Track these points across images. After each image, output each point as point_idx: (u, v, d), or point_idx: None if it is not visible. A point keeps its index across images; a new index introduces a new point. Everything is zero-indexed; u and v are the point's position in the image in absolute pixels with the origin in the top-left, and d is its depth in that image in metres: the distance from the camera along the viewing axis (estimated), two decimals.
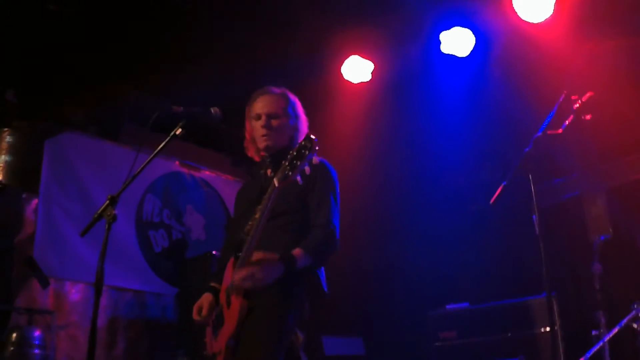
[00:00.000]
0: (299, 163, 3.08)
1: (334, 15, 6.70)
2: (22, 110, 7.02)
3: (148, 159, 3.35)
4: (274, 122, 3.73)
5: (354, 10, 6.68)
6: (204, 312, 3.64)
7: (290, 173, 3.10)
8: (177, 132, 3.42)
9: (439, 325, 6.66)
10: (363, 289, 8.19)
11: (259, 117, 3.75)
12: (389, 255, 8.15)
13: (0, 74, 6.77)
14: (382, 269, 8.16)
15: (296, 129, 3.78)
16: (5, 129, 6.92)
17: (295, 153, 3.11)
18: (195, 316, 3.68)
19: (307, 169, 3.11)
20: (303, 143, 3.10)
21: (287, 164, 3.12)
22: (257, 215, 3.33)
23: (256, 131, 3.76)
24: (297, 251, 3.36)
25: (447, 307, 6.69)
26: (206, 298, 3.70)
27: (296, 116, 3.82)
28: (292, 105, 3.83)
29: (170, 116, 3.45)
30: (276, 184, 3.18)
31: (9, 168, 6.83)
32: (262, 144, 3.74)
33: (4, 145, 6.87)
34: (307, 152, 3.07)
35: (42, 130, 7.09)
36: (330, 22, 6.75)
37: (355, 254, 8.17)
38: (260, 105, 3.78)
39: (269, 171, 3.75)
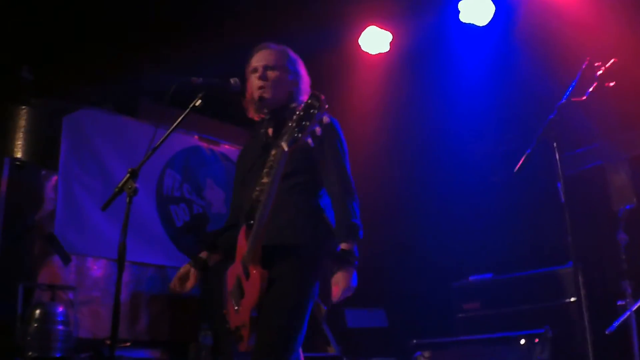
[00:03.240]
0: (307, 124, 2.89)
1: None
2: (38, 88, 7.01)
3: (168, 131, 3.31)
4: (271, 74, 3.59)
5: None
6: (190, 283, 3.59)
7: (299, 135, 2.91)
8: (197, 104, 3.37)
9: (462, 296, 6.63)
10: (385, 261, 8.16)
11: (255, 70, 3.63)
12: (411, 227, 8.11)
13: (16, 51, 6.76)
14: (405, 241, 8.12)
15: (296, 85, 3.65)
16: (23, 107, 6.91)
17: (302, 113, 2.91)
18: (174, 285, 3.64)
19: (317, 129, 2.90)
20: (310, 102, 2.91)
21: (294, 125, 2.93)
22: (265, 180, 3.20)
23: (253, 85, 3.63)
24: (344, 246, 3.32)
25: (471, 278, 6.65)
26: (190, 270, 3.68)
27: (296, 73, 3.69)
28: (292, 62, 3.71)
29: (188, 90, 3.40)
30: (285, 148, 2.99)
31: (28, 145, 6.84)
32: (257, 95, 3.59)
33: (22, 123, 6.87)
34: (315, 112, 2.89)
35: (59, 107, 7.09)
36: None
37: (378, 226, 8.13)
38: (257, 59, 3.66)
39: (270, 130, 3.65)
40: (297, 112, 2.93)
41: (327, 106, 2.90)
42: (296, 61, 3.74)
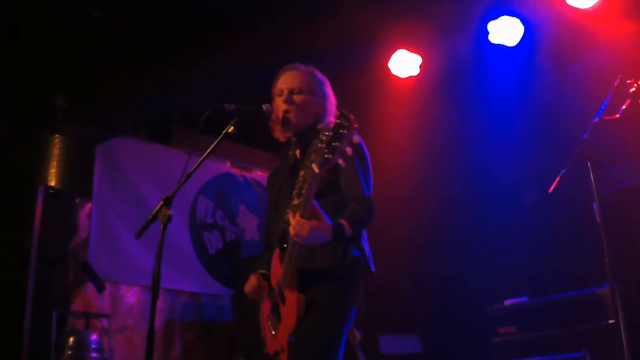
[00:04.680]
0: (338, 144, 2.82)
1: (379, 8, 6.63)
2: (72, 116, 7.09)
3: (202, 157, 3.32)
4: (296, 98, 3.58)
5: (400, 2, 6.60)
6: (263, 285, 3.54)
7: (330, 157, 2.83)
8: (230, 130, 3.38)
9: (497, 320, 6.53)
10: (419, 286, 8.11)
11: (281, 93, 3.61)
12: (444, 252, 8.04)
13: (49, 81, 6.85)
14: (439, 266, 8.05)
15: (322, 108, 3.62)
16: (57, 136, 7.00)
17: (331, 133, 2.83)
18: (249, 291, 3.59)
19: (348, 149, 2.88)
20: (339, 122, 2.83)
21: (324, 146, 2.85)
22: (295, 202, 3.15)
23: (278, 107, 3.60)
24: (344, 222, 3.19)
25: (506, 302, 6.56)
26: (257, 277, 3.61)
27: (323, 95, 3.66)
28: (319, 84, 3.68)
29: (220, 116, 3.41)
30: (316, 171, 2.91)
31: (62, 174, 6.92)
32: (280, 117, 3.57)
33: (56, 151, 6.95)
34: (345, 132, 2.81)
35: (92, 136, 7.17)
36: (375, 15, 6.68)
37: (411, 251, 8.10)
38: (283, 81, 3.65)
39: (297, 152, 3.64)
40: (326, 133, 2.87)
41: (356, 125, 2.86)
42: (323, 82, 3.71)
